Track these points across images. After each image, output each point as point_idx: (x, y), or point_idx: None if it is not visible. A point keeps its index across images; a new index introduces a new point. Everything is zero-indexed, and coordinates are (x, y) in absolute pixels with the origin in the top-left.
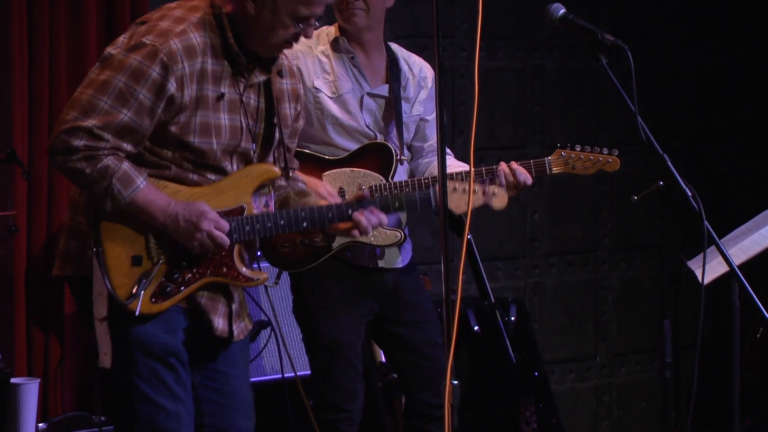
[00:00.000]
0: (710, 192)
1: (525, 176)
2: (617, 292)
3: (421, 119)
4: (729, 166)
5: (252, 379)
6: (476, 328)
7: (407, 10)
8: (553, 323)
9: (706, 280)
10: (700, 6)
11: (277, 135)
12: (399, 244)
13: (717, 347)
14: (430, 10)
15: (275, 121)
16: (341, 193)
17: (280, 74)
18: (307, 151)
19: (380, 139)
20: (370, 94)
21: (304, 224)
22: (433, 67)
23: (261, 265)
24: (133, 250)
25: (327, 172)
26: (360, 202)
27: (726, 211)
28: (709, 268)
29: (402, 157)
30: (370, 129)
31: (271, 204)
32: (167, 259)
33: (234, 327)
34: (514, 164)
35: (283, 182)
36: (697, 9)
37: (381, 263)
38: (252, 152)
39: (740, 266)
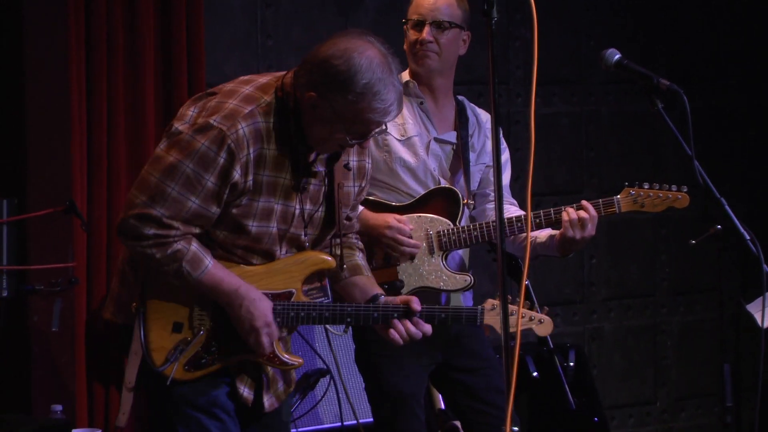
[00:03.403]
0: None
1: (593, 210)
2: (676, 336)
3: (487, 166)
4: None
5: (310, 428)
6: (535, 374)
7: (462, 56)
8: (613, 368)
9: (766, 324)
10: (756, 46)
11: (336, 220)
12: (468, 289)
13: None
14: (485, 57)
15: (336, 204)
16: (410, 236)
17: (347, 167)
18: (372, 198)
19: (445, 184)
20: (437, 140)
21: (348, 320)
22: (490, 113)
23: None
24: (176, 316)
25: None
26: (407, 311)
27: None
28: None
29: (469, 202)
30: (435, 174)
31: (327, 290)
32: (207, 330)
33: (265, 399)
34: (583, 202)
35: (337, 251)
36: (752, 49)
37: None
38: (303, 236)
39: None
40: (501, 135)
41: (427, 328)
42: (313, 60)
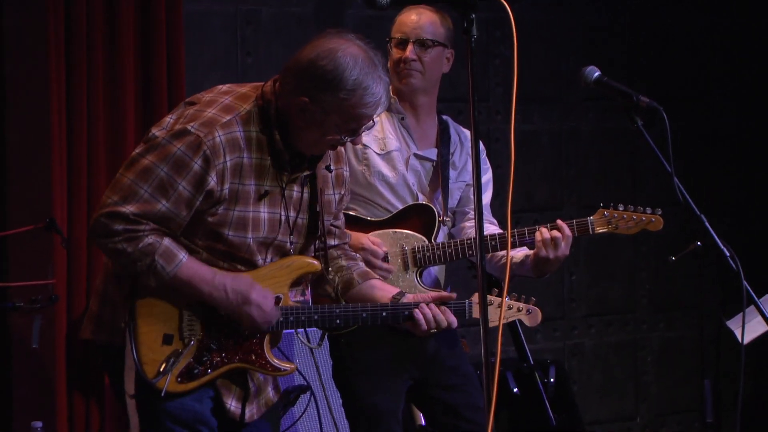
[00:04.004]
0: (749, 251)
1: (567, 230)
2: (656, 352)
3: (467, 184)
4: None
5: None
6: (515, 390)
7: (445, 74)
8: (593, 384)
9: (746, 340)
10: (735, 65)
11: (320, 225)
12: None
13: (759, 407)
14: (465, 74)
15: (318, 210)
16: (385, 257)
17: (328, 169)
18: (351, 213)
19: (422, 200)
20: (417, 156)
21: (338, 321)
22: (470, 130)
23: (308, 330)
24: (166, 328)
25: (370, 234)
26: (395, 306)
27: (765, 271)
28: (749, 328)
29: (445, 219)
30: (414, 189)
31: (308, 294)
32: (198, 340)
33: (247, 410)
34: (558, 221)
35: (343, 262)
36: (732, 68)
37: None
38: (288, 244)
39: None
40: (484, 155)
41: (453, 318)
42: (297, 65)
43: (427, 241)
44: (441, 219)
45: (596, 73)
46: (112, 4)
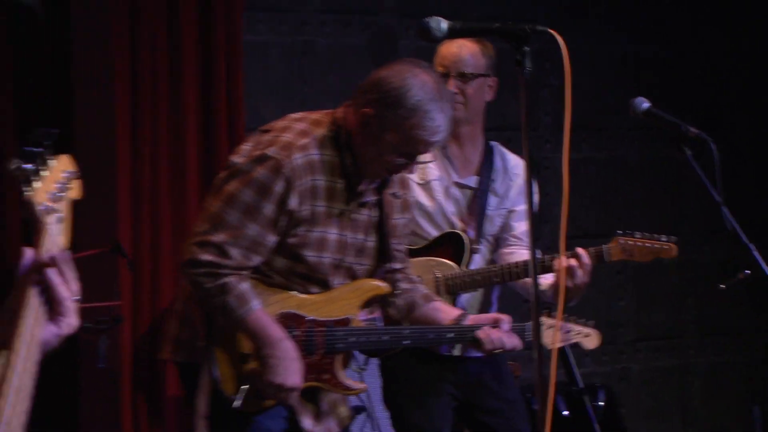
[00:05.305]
0: None
1: (586, 258)
2: (704, 377)
3: (509, 211)
4: None
5: None
6: (565, 412)
7: (493, 102)
8: (641, 408)
9: None
10: None
11: (388, 249)
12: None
13: None
14: (515, 103)
15: (386, 234)
16: None
17: (395, 195)
18: None
19: (459, 227)
20: (456, 184)
21: (406, 342)
22: (524, 162)
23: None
24: (243, 347)
25: None
26: (461, 327)
27: None
28: None
29: (476, 246)
30: (452, 217)
31: (377, 315)
32: None
33: (323, 428)
34: (578, 250)
35: (406, 285)
36: None
37: (455, 351)
38: (356, 267)
39: None
40: (533, 182)
41: (517, 341)
42: (368, 82)
43: (458, 268)
44: (471, 247)
45: (645, 104)
46: (174, 35)
